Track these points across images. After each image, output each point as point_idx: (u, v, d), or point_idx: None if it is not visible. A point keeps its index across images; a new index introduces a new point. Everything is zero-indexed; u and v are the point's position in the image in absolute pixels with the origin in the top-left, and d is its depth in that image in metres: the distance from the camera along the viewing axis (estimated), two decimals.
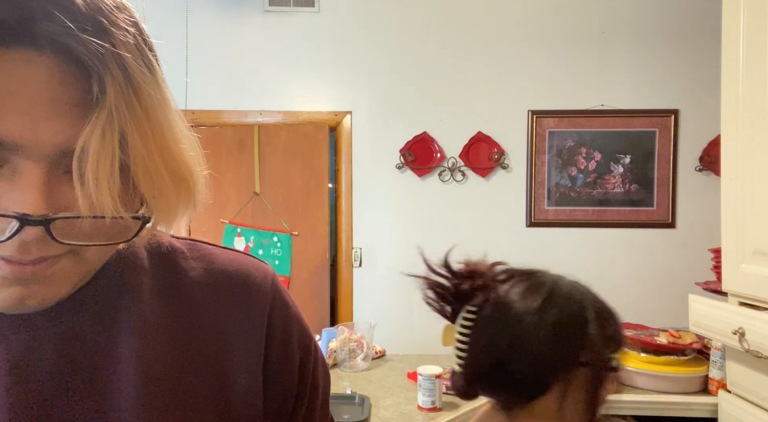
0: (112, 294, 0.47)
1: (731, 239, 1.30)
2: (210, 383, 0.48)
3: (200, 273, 0.52)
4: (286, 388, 0.54)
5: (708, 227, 2.75)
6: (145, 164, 0.38)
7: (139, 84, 0.37)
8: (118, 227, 0.39)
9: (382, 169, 2.90)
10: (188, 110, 2.86)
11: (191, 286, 0.51)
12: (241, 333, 0.51)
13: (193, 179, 0.43)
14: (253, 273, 0.54)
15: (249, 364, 0.50)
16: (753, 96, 1.23)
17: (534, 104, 2.86)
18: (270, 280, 0.55)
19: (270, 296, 0.54)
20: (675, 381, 1.61)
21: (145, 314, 0.47)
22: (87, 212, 0.36)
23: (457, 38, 2.88)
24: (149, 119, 0.38)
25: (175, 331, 0.48)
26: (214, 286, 0.52)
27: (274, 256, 2.88)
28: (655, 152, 2.82)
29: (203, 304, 0.51)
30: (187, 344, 0.48)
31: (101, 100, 0.35)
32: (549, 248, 2.85)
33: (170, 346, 0.47)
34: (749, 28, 1.24)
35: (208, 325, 0.50)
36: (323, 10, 2.89)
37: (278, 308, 0.54)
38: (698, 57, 2.81)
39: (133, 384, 0.44)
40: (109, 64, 0.35)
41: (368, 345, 1.98)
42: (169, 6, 2.85)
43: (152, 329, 0.47)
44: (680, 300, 1.80)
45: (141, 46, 0.39)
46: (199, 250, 0.54)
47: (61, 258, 0.39)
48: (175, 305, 0.49)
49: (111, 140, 0.36)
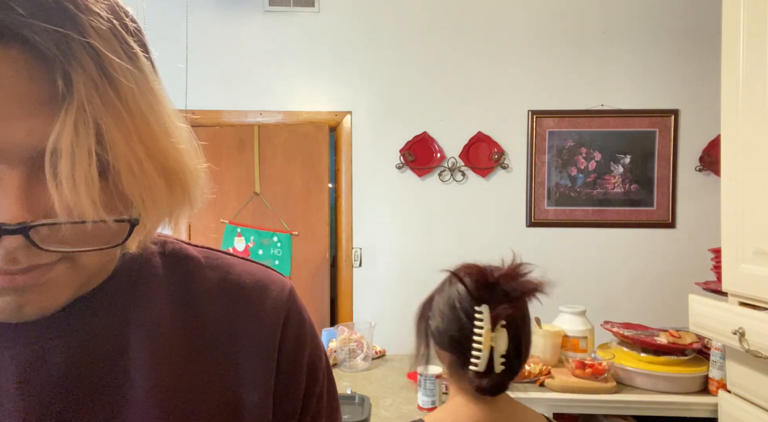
0: (123, 303, 0.45)
1: (731, 239, 1.30)
2: (222, 399, 0.46)
3: (215, 284, 0.50)
4: (288, 412, 0.51)
5: (708, 227, 2.75)
6: (128, 162, 0.35)
7: (115, 74, 0.34)
8: (110, 231, 0.37)
9: (382, 169, 2.90)
10: (188, 109, 2.86)
11: (205, 297, 0.49)
12: (255, 348, 0.49)
13: (186, 175, 0.40)
14: (269, 287, 0.52)
15: (261, 381, 0.48)
16: (753, 96, 1.23)
17: (534, 104, 2.86)
18: (287, 294, 0.52)
19: (285, 310, 0.51)
20: (675, 381, 1.61)
21: (157, 325, 0.45)
22: (65, 217, 0.34)
23: (457, 38, 2.88)
24: (130, 112, 0.35)
25: (187, 343, 0.46)
26: (229, 298, 0.50)
27: (274, 256, 2.88)
28: (655, 152, 2.82)
29: (217, 316, 0.48)
30: (199, 358, 0.46)
31: (69, 94, 0.32)
32: (549, 248, 2.85)
33: (182, 359, 0.45)
34: (749, 28, 1.23)
35: (222, 339, 0.48)
36: (323, 10, 2.89)
37: (292, 325, 0.51)
38: (698, 57, 2.81)
39: (143, 397, 0.43)
40: (78, 54, 0.32)
41: (368, 345, 1.98)
42: (169, 6, 2.85)
43: (164, 340, 0.45)
44: (680, 300, 1.80)
45: (119, 32, 0.36)
46: (215, 260, 0.52)
47: (54, 266, 0.37)
48: (188, 316, 0.47)
49: (86, 137, 0.32)
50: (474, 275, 0.92)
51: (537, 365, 1.71)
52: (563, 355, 1.75)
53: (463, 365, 0.91)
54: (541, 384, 1.67)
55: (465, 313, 0.91)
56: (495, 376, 0.88)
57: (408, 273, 2.89)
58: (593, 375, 1.63)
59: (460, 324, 0.91)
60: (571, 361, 1.67)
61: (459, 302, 0.92)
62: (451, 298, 0.94)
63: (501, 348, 0.88)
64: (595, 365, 1.64)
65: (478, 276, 0.92)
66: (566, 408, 1.62)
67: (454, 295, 0.94)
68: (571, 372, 1.68)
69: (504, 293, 0.90)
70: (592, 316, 1.89)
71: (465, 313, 0.91)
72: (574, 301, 1.99)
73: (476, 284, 0.91)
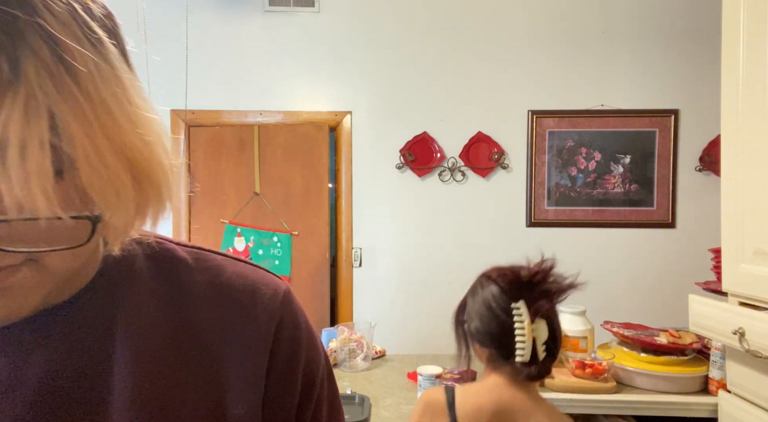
0: (106, 308, 0.42)
1: (731, 239, 1.30)
2: (206, 410, 0.43)
3: (204, 288, 0.47)
4: None
5: (708, 227, 2.75)
6: (88, 155, 0.32)
7: (72, 60, 0.31)
8: (72, 230, 0.34)
9: (382, 169, 2.90)
10: (188, 110, 2.86)
11: (193, 302, 0.46)
12: (244, 355, 0.46)
13: (155, 170, 0.37)
14: (261, 290, 0.48)
15: (248, 393, 0.45)
16: (753, 96, 1.23)
17: (534, 104, 2.86)
18: (280, 297, 0.49)
19: (278, 314, 0.48)
20: (675, 381, 1.61)
21: (142, 331, 0.43)
22: (15, 213, 0.31)
23: (457, 38, 2.88)
24: (91, 101, 0.32)
25: (173, 352, 0.44)
26: (218, 302, 0.47)
27: (274, 256, 2.88)
28: (655, 152, 2.82)
29: (205, 322, 0.46)
30: (185, 367, 0.44)
31: (16, 79, 0.30)
32: (549, 248, 2.83)
33: (166, 368, 0.43)
34: (749, 28, 1.23)
35: (210, 346, 0.45)
36: (323, 10, 2.89)
37: (286, 330, 0.48)
38: (698, 57, 2.81)
39: (124, 408, 0.40)
40: (28, 37, 0.30)
41: (368, 345, 1.98)
42: (169, 6, 2.85)
43: (148, 348, 0.43)
44: (680, 300, 1.80)
45: (80, 16, 0.33)
46: (206, 261, 0.49)
47: (19, 269, 0.34)
48: (175, 323, 0.45)
49: (37, 126, 0.30)
50: (507, 277, 1.04)
51: None
52: (563, 355, 1.75)
53: (506, 357, 1.03)
54: (541, 384, 1.67)
55: (503, 311, 1.02)
56: (540, 363, 1.01)
57: (408, 273, 2.89)
58: (593, 375, 1.63)
59: (499, 321, 1.03)
60: (571, 361, 1.67)
61: (495, 302, 1.04)
62: (487, 299, 1.05)
63: (542, 337, 1.01)
64: (595, 365, 1.64)
65: (511, 277, 1.04)
66: (566, 408, 1.62)
67: (488, 296, 1.05)
68: (571, 372, 1.68)
69: (540, 291, 1.02)
70: (592, 316, 1.89)
71: (503, 311, 1.02)
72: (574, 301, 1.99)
73: (510, 284, 1.03)
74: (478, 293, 1.09)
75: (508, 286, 1.03)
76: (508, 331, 1.01)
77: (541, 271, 1.03)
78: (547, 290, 1.02)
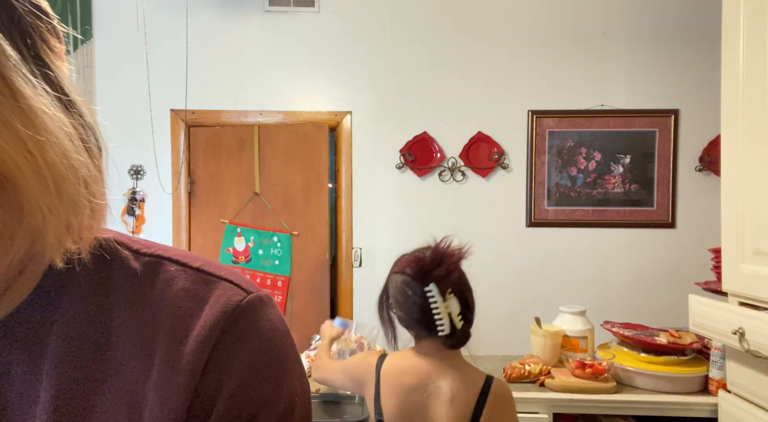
0: (42, 323, 0.39)
1: (731, 239, 1.30)
2: None
3: (144, 303, 0.40)
4: None
5: (708, 227, 2.75)
6: None
7: None
8: None
9: (382, 169, 2.90)
10: (188, 110, 2.86)
11: (128, 317, 0.40)
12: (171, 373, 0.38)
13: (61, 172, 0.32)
14: (204, 311, 0.40)
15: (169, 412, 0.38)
16: (753, 96, 1.23)
17: (534, 104, 2.86)
18: (230, 309, 0.40)
19: (218, 328, 0.39)
20: (675, 381, 1.61)
21: (72, 341, 0.39)
22: None
23: (457, 38, 2.88)
24: None
25: (96, 372, 0.39)
26: (150, 320, 0.40)
27: (274, 256, 2.88)
28: (655, 152, 2.82)
29: (131, 342, 0.39)
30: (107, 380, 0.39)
31: None
32: (549, 248, 2.85)
33: (88, 391, 0.38)
34: (749, 28, 1.24)
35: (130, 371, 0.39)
36: (323, 10, 2.89)
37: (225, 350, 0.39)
38: (698, 57, 2.81)
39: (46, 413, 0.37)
40: None
41: (368, 345, 1.98)
42: (169, 6, 2.85)
43: (73, 358, 0.38)
44: (680, 300, 1.80)
45: None
46: (157, 274, 0.42)
47: None
48: (105, 336, 0.40)
49: None
50: (414, 265, 1.15)
51: (537, 365, 1.71)
52: (563, 355, 1.75)
53: (430, 332, 1.17)
54: (541, 384, 1.67)
55: (419, 296, 1.15)
56: (459, 332, 1.16)
57: None
58: (593, 375, 1.63)
59: (418, 306, 1.16)
60: (571, 361, 1.67)
61: (410, 290, 1.17)
62: (402, 289, 1.19)
63: (456, 310, 1.14)
64: (595, 365, 1.64)
65: (417, 265, 1.15)
66: (566, 408, 1.62)
67: (403, 286, 1.18)
68: (571, 372, 1.68)
69: (444, 269, 1.14)
70: (592, 316, 1.89)
71: (419, 296, 1.15)
72: (574, 301, 1.99)
73: (418, 271, 1.15)
74: (392, 284, 1.23)
75: (417, 273, 1.15)
76: (427, 312, 1.15)
77: (439, 253, 1.15)
78: (448, 267, 1.14)
